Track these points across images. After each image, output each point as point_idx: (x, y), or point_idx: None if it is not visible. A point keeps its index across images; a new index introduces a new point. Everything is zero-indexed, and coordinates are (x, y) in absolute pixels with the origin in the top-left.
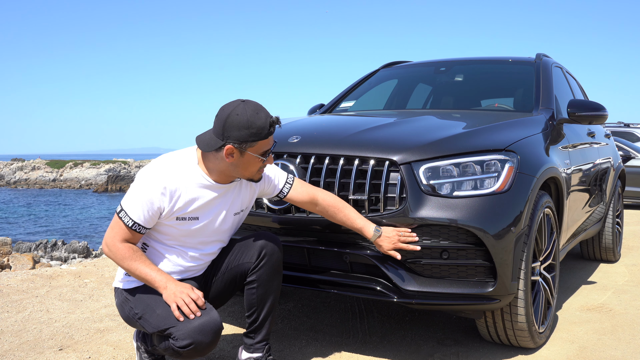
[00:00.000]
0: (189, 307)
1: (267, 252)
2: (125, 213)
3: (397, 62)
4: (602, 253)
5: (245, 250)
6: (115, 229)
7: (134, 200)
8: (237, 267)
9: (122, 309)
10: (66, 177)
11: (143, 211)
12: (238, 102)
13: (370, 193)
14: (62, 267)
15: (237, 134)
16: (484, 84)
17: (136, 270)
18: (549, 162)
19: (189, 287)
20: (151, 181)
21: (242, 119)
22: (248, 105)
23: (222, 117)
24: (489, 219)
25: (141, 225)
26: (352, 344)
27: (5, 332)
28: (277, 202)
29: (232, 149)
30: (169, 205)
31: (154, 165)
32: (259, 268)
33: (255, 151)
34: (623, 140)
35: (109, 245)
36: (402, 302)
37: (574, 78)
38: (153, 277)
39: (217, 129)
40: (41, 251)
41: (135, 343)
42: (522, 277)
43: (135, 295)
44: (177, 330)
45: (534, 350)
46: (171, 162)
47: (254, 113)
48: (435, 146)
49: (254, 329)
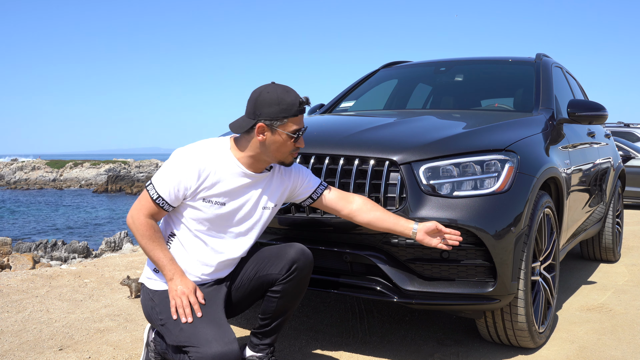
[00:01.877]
0: (184, 310)
1: (298, 267)
2: (152, 186)
3: (397, 62)
4: (602, 253)
5: (276, 260)
6: (142, 202)
7: (164, 175)
8: (266, 276)
9: (145, 305)
10: (66, 177)
11: (170, 187)
12: (269, 83)
13: (370, 193)
14: (62, 267)
15: (267, 111)
16: (484, 84)
17: (151, 251)
18: (549, 162)
19: (191, 289)
20: (183, 159)
21: (272, 96)
22: (278, 85)
23: (254, 97)
24: (489, 219)
25: (166, 201)
26: (352, 344)
27: (5, 332)
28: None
29: (263, 127)
30: (196, 183)
31: (188, 146)
32: (287, 281)
33: (285, 128)
34: (623, 140)
35: (133, 217)
36: (402, 302)
37: (574, 78)
38: (164, 264)
39: (249, 109)
40: (41, 251)
41: (146, 338)
42: (522, 277)
43: (162, 300)
44: (197, 352)
45: (534, 350)
46: (205, 145)
47: (284, 91)
48: (435, 146)
49: (264, 332)
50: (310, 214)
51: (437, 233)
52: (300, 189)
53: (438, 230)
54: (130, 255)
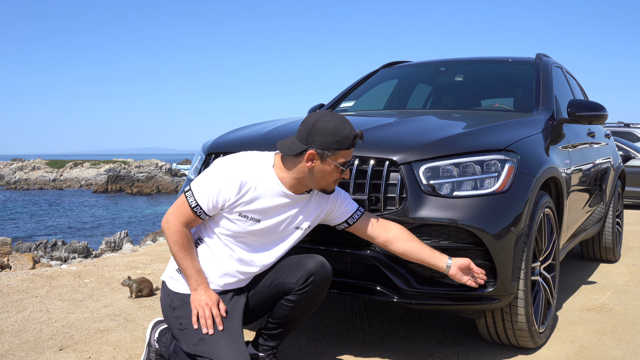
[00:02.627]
0: (206, 321)
1: (315, 280)
2: (192, 193)
3: (397, 62)
4: (602, 253)
5: (295, 270)
6: (180, 208)
7: (205, 184)
8: (282, 284)
9: (164, 303)
10: (66, 177)
11: (209, 196)
12: (327, 111)
13: (370, 193)
14: (62, 267)
15: (322, 140)
16: (484, 84)
17: (181, 259)
18: (549, 162)
19: (214, 300)
20: (226, 170)
21: (329, 125)
22: (336, 116)
23: (310, 122)
24: (489, 219)
25: (203, 210)
26: (352, 344)
27: (5, 332)
28: None
29: (314, 154)
30: (235, 197)
31: (232, 157)
32: (302, 292)
33: (335, 159)
34: (623, 140)
35: (169, 222)
36: (402, 302)
37: (574, 78)
38: (191, 274)
39: (302, 133)
40: (41, 251)
41: (148, 338)
42: (522, 277)
43: (182, 304)
44: None
45: (534, 350)
46: (249, 159)
47: (341, 123)
48: (435, 146)
49: (270, 335)
50: None
51: (468, 270)
52: (337, 213)
53: (470, 268)
54: (130, 255)
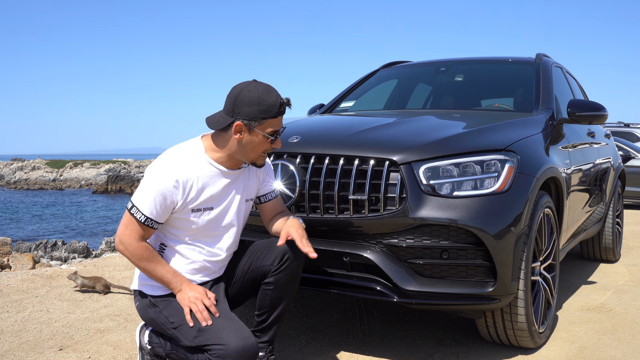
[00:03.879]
0: (202, 314)
1: (290, 258)
2: (137, 209)
3: (397, 62)
4: (602, 253)
5: (268, 252)
6: (130, 227)
7: (146, 195)
8: (259, 268)
9: (145, 311)
10: (66, 177)
11: (155, 205)
12: (250, 81)
13: (370, 193)
14: (62, 267)
15: (247, 110)
16: (484, 84)
17: (153, 271)
18: (549, 162)
19: (202, 292)
20: (162, 175)
21: (253, 95)
22: (260, 84)
23: (234, 94)
24: (489, 219)
25: (154, 220)
26: (352, 344)
27: (5, 332)
28: None
29: (241, 126)
30: (182, 197)
31: (162, 160)
32: (279, 272)
33: (263, 129)
34: (623, 140)
35: (125, 244)
36: (402, 302)
37: (574, 78)
38: (169, 279)
39: (227, 106)
40: (41, 251)
41: (139, 342)
42: (522, 277)
43: (168, 304)
44: (220, 349)
45: (534, 350)
46: (179, 154)
47: (266, 91)
48: (435, 146)
49: (262, 328)
50: (310, 215)
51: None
52: (265, 188)
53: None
54: None
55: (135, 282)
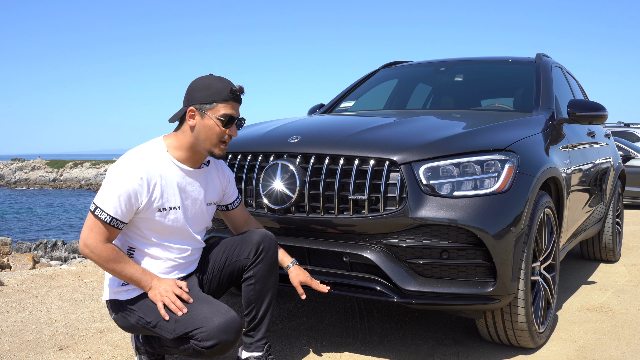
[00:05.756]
0: (175, 305)
1: (265, 248)
2: (101, 210)
3: (397, 62)
4: (602, 253)
5: (243, 246)
6: (95, 229)
7: (109, 195)
8: (235, 262)
9: (123, 319)
10: (66, 177)
11: (120, 205)
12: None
13: (370, 193)
14: (62, 267)
15: (197, 95)
16: (484, 84)
17: (122, 271)
18: (549, 162)
19: (172, 284)
20: (126, 174)
21: (204, 81)
22: (213, 75)
23: (189, 85)
24: (489, 219)
25: (119, 220)
26: (352, 344)
27: (5, 332)
28: (275, 202)
29: (193, 111)
30: (147, 196)
31: (124, 160)
32: (256, 264)
33: (214, 112)
34: (623, 140)
35: (91, 247)
36: (402, 302)
37: (574, 78)
38: (139, 277)
39: (184, 98)
40: (41, 251)
41: (134, 344)
42: (522, 277)
43: (142, 304)
44: (202, 332)
45: (534, 350)
46: (141, 154)
47: (216, 78)
48: (435, 146)
49: (253, 326)
50: (310, 215)
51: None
52: (227, 195)
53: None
54: None
55: (106, 293)
